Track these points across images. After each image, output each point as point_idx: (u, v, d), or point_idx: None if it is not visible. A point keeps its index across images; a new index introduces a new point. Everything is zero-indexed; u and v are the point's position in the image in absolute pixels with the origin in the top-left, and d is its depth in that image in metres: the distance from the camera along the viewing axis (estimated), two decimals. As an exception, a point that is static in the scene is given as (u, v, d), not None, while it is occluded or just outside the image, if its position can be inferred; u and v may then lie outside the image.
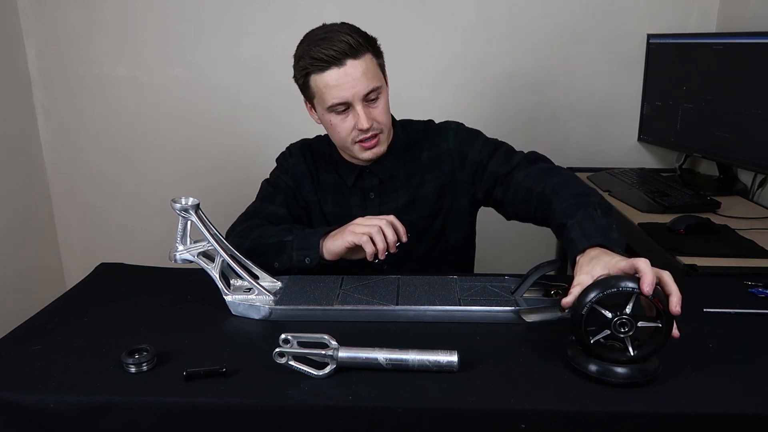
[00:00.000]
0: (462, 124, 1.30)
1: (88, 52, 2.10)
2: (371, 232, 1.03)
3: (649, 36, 2.04)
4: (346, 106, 1.14)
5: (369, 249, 1.03)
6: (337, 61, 1.10)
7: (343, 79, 1.11)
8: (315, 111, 1.21)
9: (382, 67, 1.18)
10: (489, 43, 2.09)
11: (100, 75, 2.12)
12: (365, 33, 1.15)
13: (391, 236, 1.04)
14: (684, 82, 1.91)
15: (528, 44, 2.09)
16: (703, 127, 1.85)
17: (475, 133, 1.28)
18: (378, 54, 1.17)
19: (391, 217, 1.06)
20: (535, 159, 1.21)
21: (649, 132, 2.11)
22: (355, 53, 1.10)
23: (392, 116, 1.26)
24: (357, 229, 1.05)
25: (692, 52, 1.88)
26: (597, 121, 2.16)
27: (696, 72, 1.87)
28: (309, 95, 1.18)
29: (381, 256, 1.04)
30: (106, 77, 2.12)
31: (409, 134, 1.29)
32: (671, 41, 1.97)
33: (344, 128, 1.16)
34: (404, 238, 1.05)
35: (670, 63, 1.97)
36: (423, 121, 1.32)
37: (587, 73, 2.11)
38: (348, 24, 1.15)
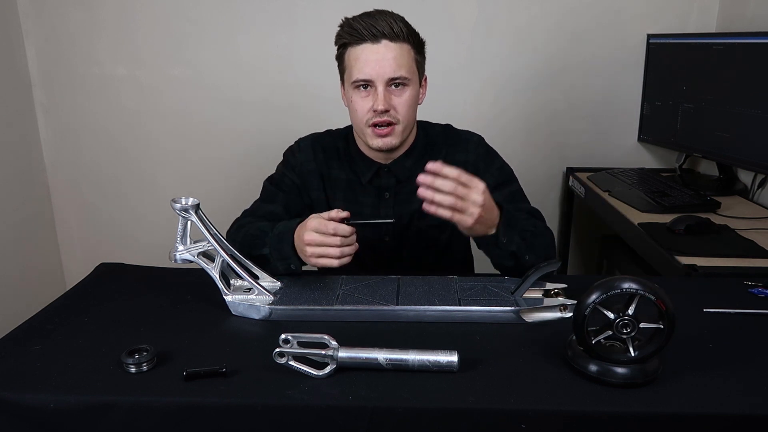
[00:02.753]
0: (483, 138, 1.30)
1: (88, 52, 2.10)
2: (330, 254, 1.00)
3: (649, 36, 2.04)
4: (368, 85, 1.14)
5: (336, 264, 1.01)
6: (373, 37, 1.11)
7: (373, 57, 1.12)
8: (344, 89, 1.21)
9: (419, 64, 1.18)
10: (489, 43, 2.09)
11: (100, 75, 2.12)
12: (414, 30, 1.16)
13: (349, 251, 1.01)
14: (684, 82, 1.91)
15: (528, 44, 2.09)
16: (703, 127, 1.85)
17: (494, 155, 1.29)
18: (419, 51, 1.18)
19: (333, 228, 1.00)
20: (536, 215, 1.22)
21: (649, 132, 2.11)
22: (393, 37, 1.12)
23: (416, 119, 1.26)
24: (318, 253, 1.01)
25: (692, 52, 1.88)
26: (597, 121, 2.16)
27: (696, 72, 1.87)
28: (342, 69, 1.19)
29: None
30: (106, 77, 2.12)
31: (429, 136, 1.28)
32: (671, 41, 1.97)
33: (362, 107, 1.16)
34: (353, 238, 1.02)
35: (670, 63, 1.97)
36: (441, 124, 1.32)
37: (587, 73, 2.11)
38: (401, 16, 1.16)
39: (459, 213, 0.98)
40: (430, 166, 0.97)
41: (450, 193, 0.96)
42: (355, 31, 1.12)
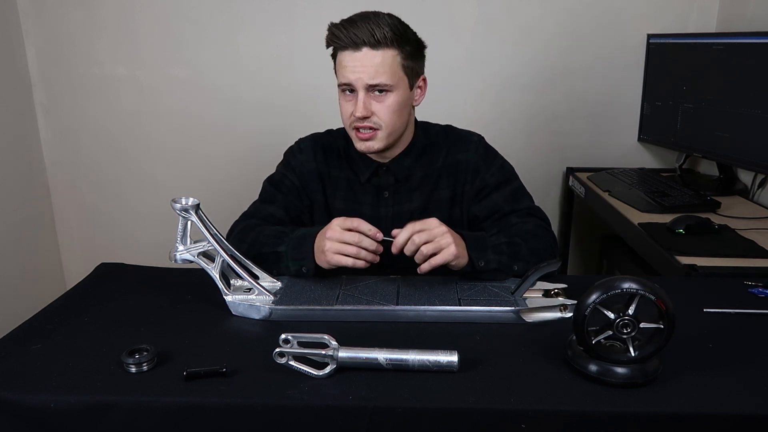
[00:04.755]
0: (483, 138, 1.30)
1: (88, 52, 2.10)
2: (353, 254, 1.01)
3: (649, 36, 2.04)
4: (352, 90, 1.14)
5: (360, 265, 1.02)
6: (354, 45, 1.11)
7: (353, 63, 1.12)
8: None
9: (407, 68, 1.16)
10: (489, 43, 2.09)
11: (100, 75, 2.12)
12: (406, 33, 1.13)
13: (370, 245, 1.02)
14: (684, 82, 1.91)
15: (528, 44, 2.09)
16: (703, 127, 1.85)
17: (494, 154, 1.29)
18: (409, 56, 1.15)
19: (357, 222, 1.03)
20: (536, 214, 1.22)
21: (649, 132, 2.11)
22: (375, 44, 1.10)
23: (416, 119, 1.26)
24: (336, 250, 1.02)
25: (692, 52, 1.88)
26: (597, 121, 2.16)
27: (696, 72, 1.87)
28: (335, 68, 1.20)
29: (371, 263, 1.03)
30: (106, 77, 2.12)
31: (429, 136, 1.28)
32: (671, 41, 1.98)
33: (346, 110, 1.17)
34: (380, 236, 1.02)
35: (670, 63, 1.97)
36: (442, 124, 1.32)
37: (587, 73, 2.11)
38: (391, 16, 1.13)
39: (441, 251, 1.01)
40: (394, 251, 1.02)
41: (420, 243, 1.00)
42: (336, 38, 1.12)
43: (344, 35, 1.11)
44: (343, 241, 1.02)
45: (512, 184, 1.25)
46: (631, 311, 0.78)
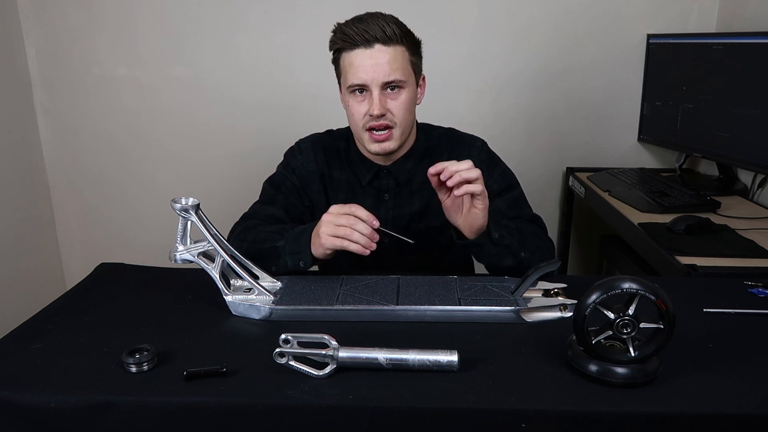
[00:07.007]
0: (486, 143, 1.31)
1: (88, 52, 2.10)
2: (345, 235, 1.02)
3: (649, 36, 2.04)
4: (364, 90, 1.14)
5: (353, 249, 1.02)
6: (366, 42, 1.11)
7: (367, 61, 1.11)
8: (342, 93, 1.21)
9: (415, 66, 1.18)
10: (489, 43, 2.09)
11: (100, 75, 2.12)
12: (409, 30, 1.16)
13: (365, 230, 1.02)
14: (684, 82, 1.92)
15: (528, 44, 2.09)
16: (703, 127, 1.85)
17: (497, 160, 1.29)
18: (414, 52, 1.17)
19: (354, 208, 1.03)
20: (537, 222, 1.24)
21: (649, 132, 2.11)
22: (386, 41, 1.11)
23: (416, 121, 1.26)
24: (330, 232, 1.03)
25: (692, 52, 1.88)
26: (597, 121, 2.17)
27: (696, 72, 1.87)
28: (338, 73, 1.20)
29: (367, 251, 1.02)
30: (106, 77, 2.12)
31: (430, 139, 1.28)
32: (671, 41, 1.98)
33: (358, 111, 1.16)
34: (376, 223, 1.03)
35: (670, 63, 1.97)
36: (444, 127, 1.32)
37: (587, 73, 2.11)
38: (394, 17, 1.15)
39: (476, 181, 1.00)
40: (432, 171, 1.01)
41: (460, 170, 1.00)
42: (347, 37, 1.12)
43: (355, 32, 1.11)
44: (337, 224, 1.02)
45: (514, 192, 1.26)
46: (631, 311, 0.78)
